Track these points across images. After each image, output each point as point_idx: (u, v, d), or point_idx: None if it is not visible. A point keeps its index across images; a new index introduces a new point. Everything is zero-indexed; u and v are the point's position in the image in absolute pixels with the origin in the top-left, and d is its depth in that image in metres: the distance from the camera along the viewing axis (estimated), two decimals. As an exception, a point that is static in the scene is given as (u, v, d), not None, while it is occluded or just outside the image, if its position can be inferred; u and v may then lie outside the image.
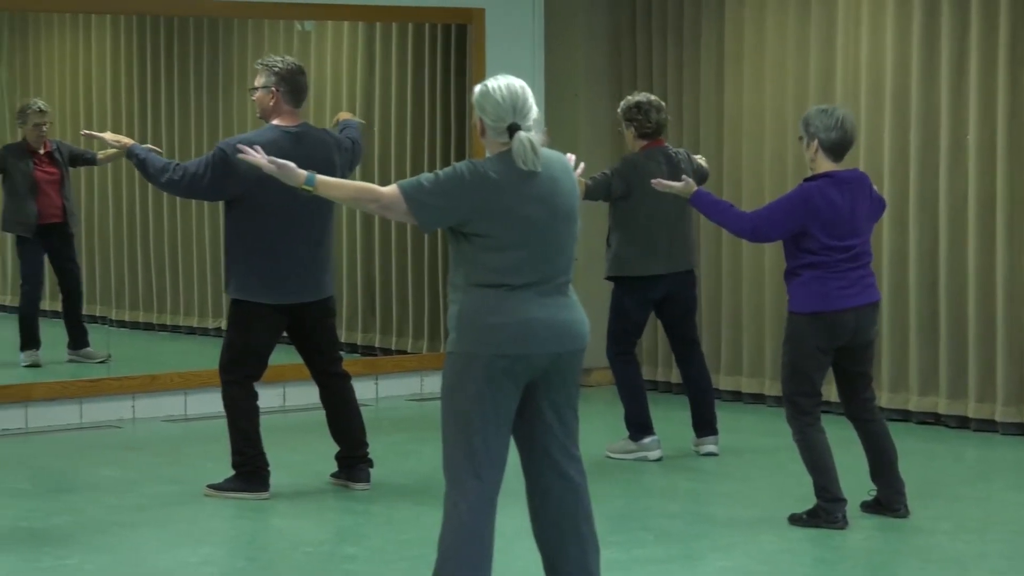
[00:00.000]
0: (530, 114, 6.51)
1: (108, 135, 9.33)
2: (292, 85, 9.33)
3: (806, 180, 8.61)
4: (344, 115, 10.19)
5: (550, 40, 13.36)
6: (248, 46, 13.12)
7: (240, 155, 7.00)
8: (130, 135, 12.77)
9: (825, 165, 8.57)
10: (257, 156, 6.82)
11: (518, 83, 6.55)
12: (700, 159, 11.01)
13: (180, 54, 13.03)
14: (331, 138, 9.54)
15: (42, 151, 12.20)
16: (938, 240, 11.48)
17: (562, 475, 6.69)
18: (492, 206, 6.44)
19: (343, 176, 9.47)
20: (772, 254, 11.53)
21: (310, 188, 6.65)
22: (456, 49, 13.07)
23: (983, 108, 11.21)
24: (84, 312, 12.79)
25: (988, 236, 11.23)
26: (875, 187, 8.85)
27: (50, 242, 12.44)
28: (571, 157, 6.80)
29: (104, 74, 13.19)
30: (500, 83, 6.54)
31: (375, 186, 6.69)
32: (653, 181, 9.17)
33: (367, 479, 9.63)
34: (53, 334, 12.51)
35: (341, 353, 9.87)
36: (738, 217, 8.80)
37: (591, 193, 10.19)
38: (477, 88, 6.59)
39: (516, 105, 6.49)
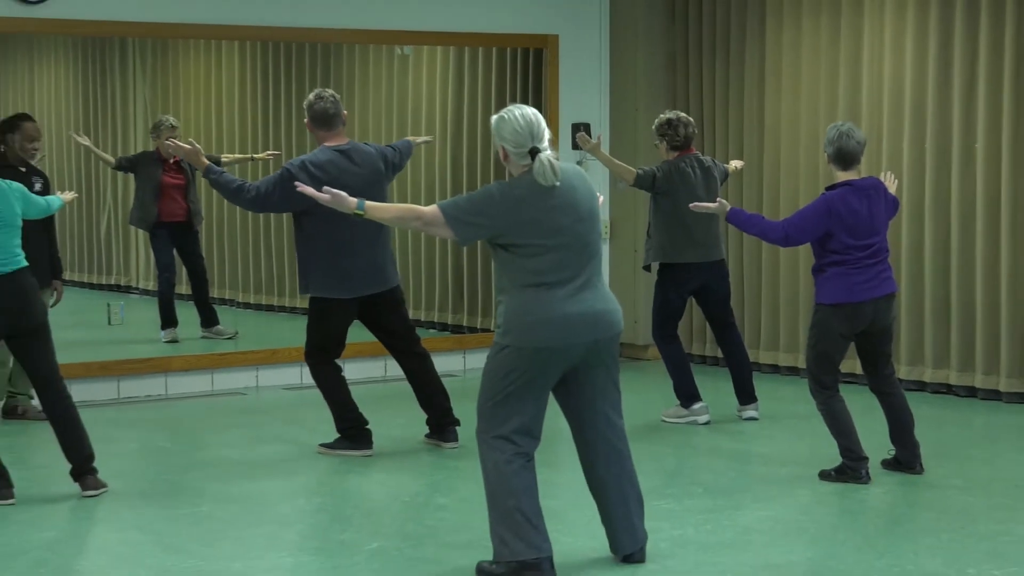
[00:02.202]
0: (545, 136, 6.54)
1: (187, 147, 9.28)
2: (312, 114, 9.39)
3: (828, 189, 8.60)
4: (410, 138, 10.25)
5: (614, 61, 13.35)
6: (355, 68, 13.18)
7: (299, 189, 7.06)
8: (254, 146, 12.96)
9: (840, 175, 8.56)
10: (313, 191, 6.88)
11: (530, 111, 6.57)
12: (737, 164, 11.09)
13: (297, 75, 13.07)
14: (375, 150, 9.57)
15: (171, 160, 12.25)
16: (950, 234, 11.45)
17: (606, 442, 6.79)
18: (522, 219, 6.49)
19: (389, 176, 9.59)
20: (804, 248, 11.50)
21: (361, 212, 6.72)
22: (534, 69, 13.08)
23: (990, 120, 11.17)
24: (215, 296, 12.86)
25: (993, 231, 11.20)
26: (888, 184, 8.83)
27: (176, 237, 12.51)
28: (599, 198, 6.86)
29: (232, 92, 13.25)
30: (516, 113, 6.55)
31: (417, 207, 6.78)
32: (691, 205, 9.19)
33: (456, 438, 9.68)
34: (189, 315, 12.59)
35: (418, 334, 9.91)
36: (771, 227, 8.78)
37: (639, 181, 10.34)
38: (494, 119, 6.61)
39: (533, 131, 6.52)
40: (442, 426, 9.73)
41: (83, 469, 8.38)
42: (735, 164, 11.15)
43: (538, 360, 6.54)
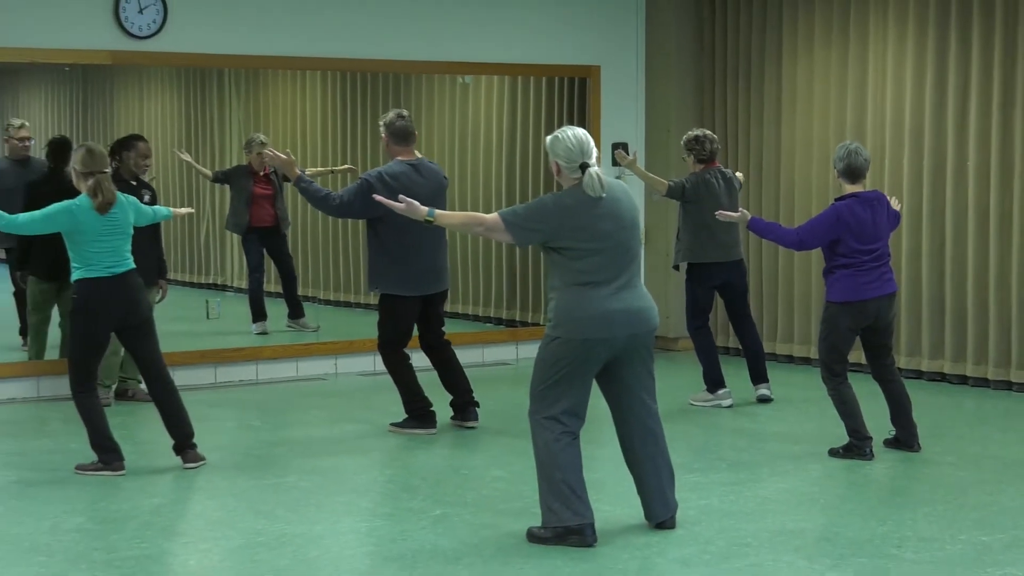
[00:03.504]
0: (593, 153, 6.57)
1: (283, 156, 9.29)
2: (392, 130, 9.39)
3: (837, 199, 8.59)
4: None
5: (649, 88, 13.34)
6: (422, 95, 13.20)
7: (377, 200, 7.17)
8: (333, 161, 13.01)
9: (848, 187, 8.56)
10: (389, 201, 6.95)
11: (581, 131, 6.63)
12: (739, 175, 11.05)
13: (371, 101, 13.10)
14: (437, 167, 9.62)
15: (261, 173, 12.29)
16: (944, 241, 11.41)
17: (642, 426, 6.83)
18: (571, 225, 6.52)
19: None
20: (815, 252, 11.46)
21: (431, 219, 6.76)
22: (579, 96, 13.07)
23: (980, 141, 11.13)
24: (300, 293, 12.89)
25: (983, 238, 11.17)
26: (892, 204, 8.80)
27: (266, 240, 12.54)
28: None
29: (315, 115, 13.30)
30: (568, 133, 6.59)
31: (480, 214, 6.84)
32: (717, 213, 9.21)
33: (476, 417, 9.71)
34: (278, 309, 12.63)
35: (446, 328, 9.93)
36: (786, 233, 8.79)
37: (670, 192, 10.37)
38: (549, 139, 6.65)
39: (583, 148, 6.56)
40: (464, 405, 9.72)
41: (184, 444, 8.43)
42: (738, 175, 11.14)
43: (584, 350, 6.56)
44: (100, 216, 8.09)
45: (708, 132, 10.54)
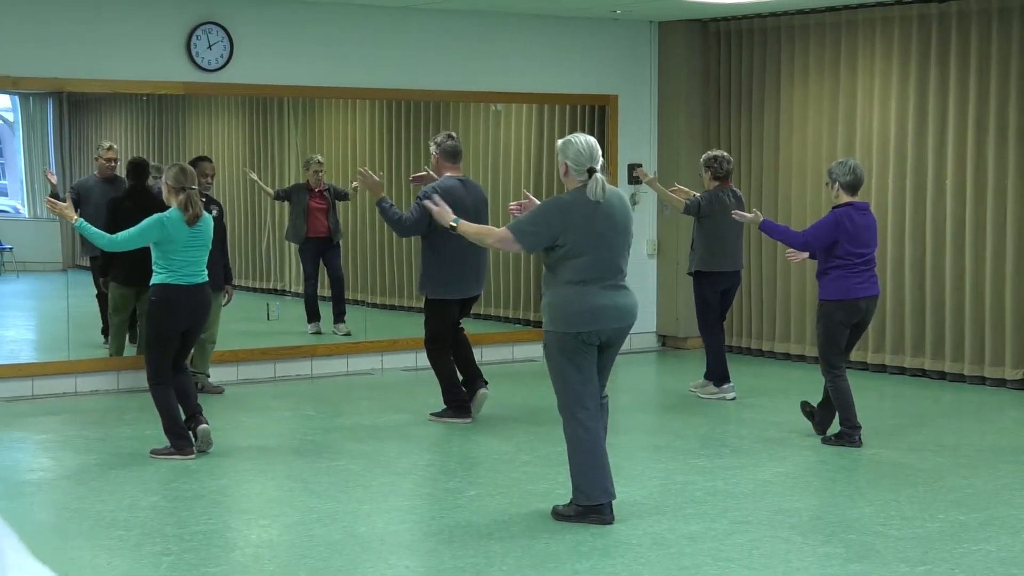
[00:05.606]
0: (600, 160, 6.54)
1: (376, 179, 9.27)
2: (443, 149, 9.44)
3: (835, 207, 8.58)
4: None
5: (661, 115, 13.32)
6: (460, 121, 13.20)
7: (426, 204, 7.32)
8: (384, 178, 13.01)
9: (844, 197, 8.54)
10: (429, 204, 7.10)
11: (591, 138, 6.61)
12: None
13: (414, 126, 13.11)
14: (478, 184, 9.72)
15: (318, 189, 12.31)
16: (925, 251, 11.38)
17: (600, 400, 6.73)
18: (571, 225, 6.49)
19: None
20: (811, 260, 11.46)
21: (455, 226, 6.79)
22: (598, 121, 13.06)
23: (956, 162, 11.10)
24: (348, 297, 12.88)
25: (959, 248, 11.13)
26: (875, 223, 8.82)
27: (320, 249, 12.55)
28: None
29: (364, 138, 13.32)
30: (580, 138, 6.56)
31: (492, 227, 6.92)
32: (733, 213, 9.19)
33: (486, 386, 9.65)
34: (329, 311, 12.63)
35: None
36: (794, 235, 8.80)
37: (688, 209, 10.35)
38: (560, 141, 6.61)
39: (592, 154, 6.52)
40: (474, 378, 9.68)
41: (195, 411, 8.40)
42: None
43: (579, 341, 6.54)
44: (188, 228, 8.11)
45: (725, 153, 10.55)
